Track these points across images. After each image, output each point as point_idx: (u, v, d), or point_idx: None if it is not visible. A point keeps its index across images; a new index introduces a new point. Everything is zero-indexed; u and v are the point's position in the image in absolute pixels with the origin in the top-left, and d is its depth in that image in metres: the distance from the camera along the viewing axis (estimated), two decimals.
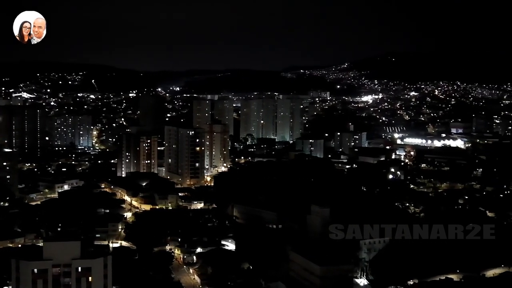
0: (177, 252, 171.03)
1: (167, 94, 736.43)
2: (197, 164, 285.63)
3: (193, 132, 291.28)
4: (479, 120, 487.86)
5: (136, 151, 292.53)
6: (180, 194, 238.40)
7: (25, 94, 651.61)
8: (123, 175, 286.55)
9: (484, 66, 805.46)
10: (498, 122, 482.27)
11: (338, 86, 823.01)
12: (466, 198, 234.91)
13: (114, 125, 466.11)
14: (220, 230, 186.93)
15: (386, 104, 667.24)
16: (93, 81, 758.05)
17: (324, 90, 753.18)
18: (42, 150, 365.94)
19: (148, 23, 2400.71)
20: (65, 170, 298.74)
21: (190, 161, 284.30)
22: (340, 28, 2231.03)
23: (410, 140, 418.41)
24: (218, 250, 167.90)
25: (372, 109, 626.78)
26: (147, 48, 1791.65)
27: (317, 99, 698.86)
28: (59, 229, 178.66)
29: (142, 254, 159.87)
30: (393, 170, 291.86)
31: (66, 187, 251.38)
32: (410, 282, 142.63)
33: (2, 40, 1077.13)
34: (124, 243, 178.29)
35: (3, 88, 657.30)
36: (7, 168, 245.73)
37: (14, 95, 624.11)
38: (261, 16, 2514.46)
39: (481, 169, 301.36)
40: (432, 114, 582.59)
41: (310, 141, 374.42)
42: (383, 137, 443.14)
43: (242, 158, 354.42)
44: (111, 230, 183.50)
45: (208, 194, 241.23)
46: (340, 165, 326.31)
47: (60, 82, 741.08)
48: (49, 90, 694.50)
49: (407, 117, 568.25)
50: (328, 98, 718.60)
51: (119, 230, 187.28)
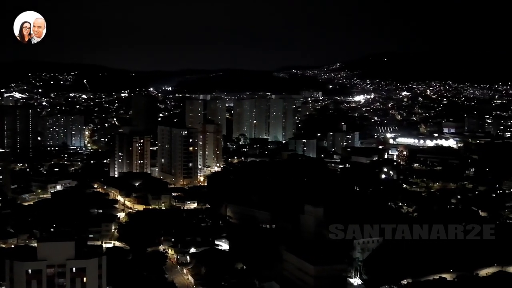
0: (170, 252, 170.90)
1: (159, 94, 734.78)
2: (190, 164, 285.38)
3: (186, 132, 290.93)
4: (471, 119, 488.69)
5: (129, 151, 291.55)
6: (173, 194, 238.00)
7: (16, 94, 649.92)
8: (116, 175, 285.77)
9: (475, 66, 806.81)
10: (490, 121, 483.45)
11: (330, 86, 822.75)
12: (459, 197, 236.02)
13: (106, 125, 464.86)
14: (213, 230, 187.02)
15: (378, 104, 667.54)
16: (85, 81, 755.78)
17: (316, 90, 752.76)
18: (34, 150, 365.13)
19: (140, 23, 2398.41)
20: (57, 170, 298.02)
21: (183, 161, 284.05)
22: (332, 28, 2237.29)
23: (402, 140, 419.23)
24: (211, 250, 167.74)
25: (364, 109, 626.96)
26: (139, 48, 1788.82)
27: (309, 99, 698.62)
28: (52, 229, 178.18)
29: (136, 254, 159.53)
30: (385, 170, 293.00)
31: (58, 187, 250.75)
32: (404, 282, 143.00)
33: None
34: (117, 243, 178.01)
35: None
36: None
37: (5, 95, 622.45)
38: (253, 16, 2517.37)
39: (473, 168, 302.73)
40: (424, 114, 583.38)
41: (303, 141, 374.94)
42: (376, 137, 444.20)
43: (235, 158, 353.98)
44: (104, 230, 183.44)
45: (201, 194, 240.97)
46: (333, 165, 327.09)
47: (51, 82, 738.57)
48: (40, 90, 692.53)
49: (399, 117, 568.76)
50: (320, 98, 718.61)
51: (112, 230, 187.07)
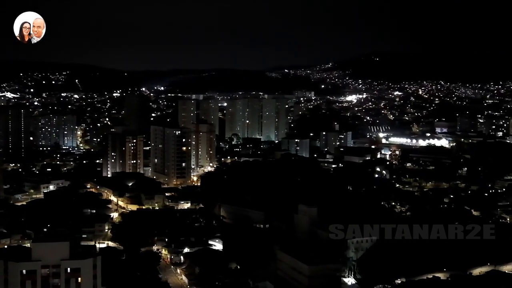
0: (164, 252, 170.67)
1: (152, 94, 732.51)
2: (183, 164, 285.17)
3: (179, 132, 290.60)
4: (463, 119, 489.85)
5: (122, 151, 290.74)
6: (166, 194, 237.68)
7: (8, 94, 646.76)
8: (109, 175, 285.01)
9: (467, 66, 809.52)
10: (482, 121, 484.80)
11: (323, 86, 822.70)
12: (451, 197, 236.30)
13: (99, 125, 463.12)
14: (207, 230, 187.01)
15: (370, 103, 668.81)
16: (76, 80, 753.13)
17: (308, 90, 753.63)
18: (27, 150, 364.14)
19: (133, 23, 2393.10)
20: (50, 170, 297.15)
21: (176, 161, 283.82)
22: (324, 28, 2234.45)
23: (395, 139, 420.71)
24: (205, 250, 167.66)
25: (356, 108, 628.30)
26: (131, 47, 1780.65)
27: (302, 99, 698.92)
28: (46, 229, 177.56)
29: (129, 254, 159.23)
30: (378, 169, 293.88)
31: (51, 187, 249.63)
32: (398, 281, 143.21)
33: None
34: (111, 244, 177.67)
35: None
36: None
37: None
38: (246, 16, 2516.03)
39: (465, 168, 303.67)
40: (416, 114, 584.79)
41: (296, 140, 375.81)
42: (368, 136, 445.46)
43: (228, 158, 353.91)
44: (98, 230, 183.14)
45: (195, 194, 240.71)
46: (326, 164, 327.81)
47: (43, 82, 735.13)
48: (32, 90, 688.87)
49: (392, 116, 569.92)
50: (312, 98, 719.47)
51: (106, 230, 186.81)
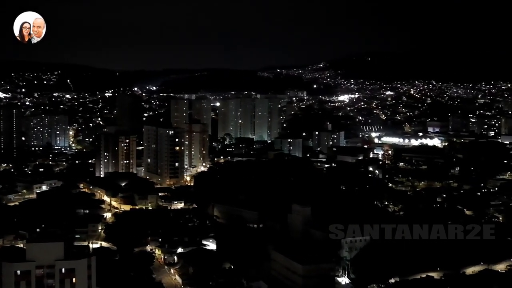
0: (157, 252, 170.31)
1: (144, 94, 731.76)
2: (176, 164, 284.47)
3: (172, 131, 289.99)
4: (455, 119, 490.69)
5: (114, 151, 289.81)
6: (160, 194, 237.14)
7: (0, 93, 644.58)
8: (102, 175, 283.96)
9: (458, 66, 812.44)
10: (474, 121, 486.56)
11: (315, 86, 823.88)
12: (444, 196, 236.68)
13: (91, 125, 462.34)
14: (201, 230, 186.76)
15: (362, 103, 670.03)
16: (68, 80, 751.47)
17: (301, 90, 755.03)
18: (19, 151, 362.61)
19: (125, 23, 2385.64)
20: (42, 170, 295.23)
21: (169, 161, 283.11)
22: (316, 27, 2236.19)
23: (387, 139, 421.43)
24: (199, 250, 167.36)
25: (348, 108, 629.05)
26: (123, 47, 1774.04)
27: (294, 99, 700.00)
28: (39, 230, 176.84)
29: (123, 254, 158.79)
30: (371, 169, 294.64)
31: (44, 188, 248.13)
32: (392, 281, 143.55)
33: None
34: (104, 244, 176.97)
35: None
36: None
37: None
38: (238, 16, 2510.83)
39: (458, 167, 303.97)
40: (408, 113, 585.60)
41: (289, 140, 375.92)
42: (361, 136, 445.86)
43: (221, 157, 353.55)
44: (91, 230, 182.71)
45: (188, 194, 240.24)
46: (319, 164, 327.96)
47: (35, 82, 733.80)
48: (24, 90, 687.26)
49: (384, 116, 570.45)
50: (305, 98, 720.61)
51: (99, 230, 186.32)
